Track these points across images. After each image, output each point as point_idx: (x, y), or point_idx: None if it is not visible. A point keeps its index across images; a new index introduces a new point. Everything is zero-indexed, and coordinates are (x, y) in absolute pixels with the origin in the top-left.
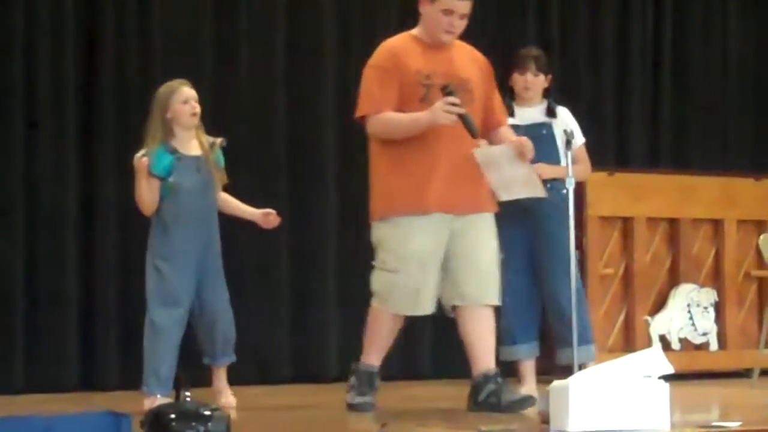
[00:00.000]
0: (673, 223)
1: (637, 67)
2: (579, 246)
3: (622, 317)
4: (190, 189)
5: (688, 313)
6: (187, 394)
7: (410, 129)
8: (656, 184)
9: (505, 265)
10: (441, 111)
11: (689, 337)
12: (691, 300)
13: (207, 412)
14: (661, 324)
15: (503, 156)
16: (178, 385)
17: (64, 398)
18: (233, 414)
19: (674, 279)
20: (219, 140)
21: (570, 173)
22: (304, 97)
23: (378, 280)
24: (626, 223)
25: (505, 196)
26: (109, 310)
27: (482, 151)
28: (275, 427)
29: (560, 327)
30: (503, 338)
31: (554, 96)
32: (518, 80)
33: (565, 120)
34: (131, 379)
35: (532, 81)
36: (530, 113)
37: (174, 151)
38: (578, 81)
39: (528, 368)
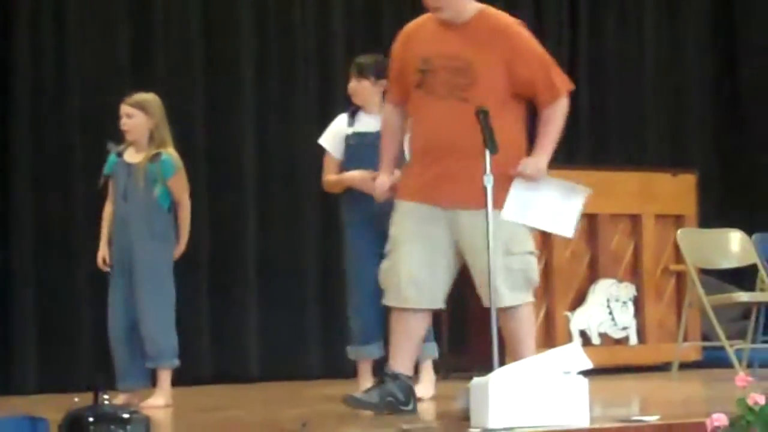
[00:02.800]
0: (591, 218)
1: None
2: None
3: (542, 313)
4: (117, 192)
5: (607, 308)
6: (106, 396)
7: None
8: (574, 179)
9: (356, 266)
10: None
11: (609, 332)
12: (610, 295)
13: (125, 415)
14: (581, 319)
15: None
16: (96, 388)
17: None
18: (158, 414)
19: (593, 274)
20: (164, 151)
21: (487, 171)
22: (222, 100)
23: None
24: None
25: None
26: (27, 312)
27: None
28: (196, 428)
29: None
30: (357, 338)
31: None
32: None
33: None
34: (50, 382)
35: (354, 87)
36: (374, 121)
37: (119, 155)
38: None
39: (368, 368)
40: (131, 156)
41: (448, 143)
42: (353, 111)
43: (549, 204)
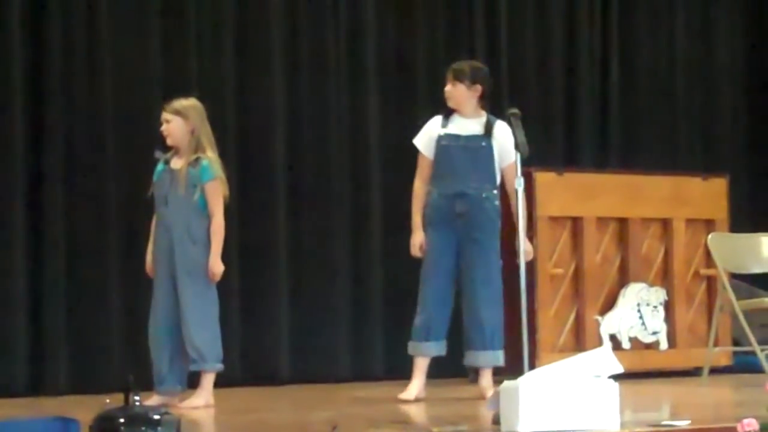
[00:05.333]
0: (622, 222)
1: (585, 67)
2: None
3: (572, 317)
4: (158, 197)
5: (638, 313)
6: (137, 397)
7: None
8: (605, 183)
9: (432, 263)
10: None
11: (639, 336)
12: (640, 299)
13: (156, 416)
14: (611, 323)
15: None
16: (127, 389)
17: (12, 403)
18: (191, 415)
19: (624, 278)
20: (203, 156)
21: (518, 174)
22: (253, 98)
23: None
24: (576, 222)
25: None
26: (58, 313)
27: None
28: (227, 429)
29: (473, 331)
30: (419, 333)
31: (495, 107)
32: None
33: (501, 136)
34: (81, 383)
35: (450, 91)
36: (467, 124)
37: (166, 162)
38: (527, 81)
39: (424, 366)
40: (175, 162)
41: None
42: (447, 113)
43: None
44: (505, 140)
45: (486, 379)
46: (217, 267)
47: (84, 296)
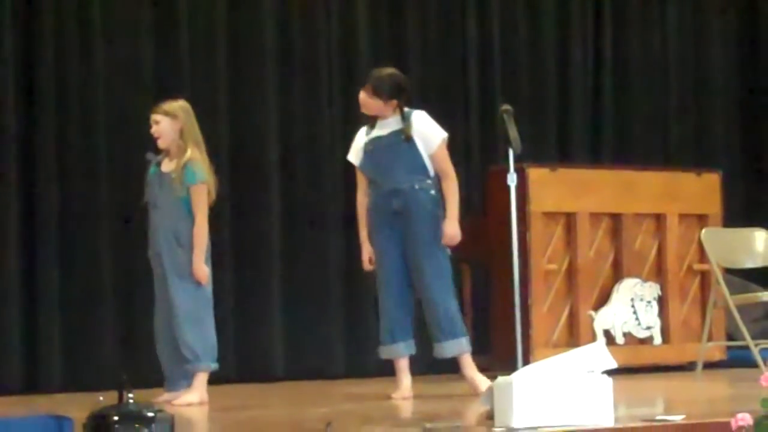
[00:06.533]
0: (615, 217)
1: (578, 62)
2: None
3: (566, 312)
4: (149, 200)
5: (631, 308)
6: (130, 395)
7: None
8: (598, 179)
9: (382, 266)
10: None
11: (633, 332)
12: (634, 294)
13: (150, 414)
14: (605, 318)
15: None
16: (121, 387)
17: (6, 401)
18: (184, 412)
19: (618, 273)
20: (185, 158)
21: (511, 170)
22: (246, 99)
23: None
24: (569, 218)
25: None
26: (52, 311)
27: None
28: (221, 426)
29: (433, 324)
30: (383, 337)
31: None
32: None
33: (418, 125)
34: (74, 381)
35: (364, 100)
36: (388, 124)
37: (158, 164)
38: (520, 76)
39: (404, 365)
40: (166, 165)
41: None
42: (372, 123)
43: None
44: (422, 128)
45: (468, 368)
46: (200, 270)
47: (78, 294)
